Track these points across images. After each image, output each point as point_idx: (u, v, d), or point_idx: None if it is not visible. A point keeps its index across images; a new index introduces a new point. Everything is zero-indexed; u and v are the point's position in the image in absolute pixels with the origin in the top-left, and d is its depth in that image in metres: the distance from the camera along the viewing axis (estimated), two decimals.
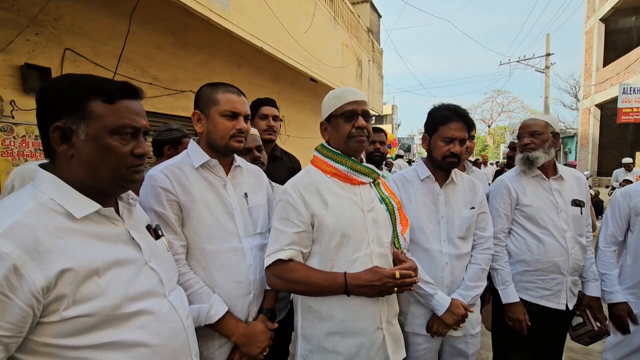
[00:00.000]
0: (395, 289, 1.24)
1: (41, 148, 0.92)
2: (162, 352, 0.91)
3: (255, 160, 1.81)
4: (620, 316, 1.92)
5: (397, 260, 1.34)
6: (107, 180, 0.90)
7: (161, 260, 1.02)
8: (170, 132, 2.33)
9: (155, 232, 1.08)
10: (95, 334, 0.81)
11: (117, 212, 0.96)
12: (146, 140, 0.97)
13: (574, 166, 10.40)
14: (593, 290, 1.96)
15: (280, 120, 2.44)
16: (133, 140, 0.92)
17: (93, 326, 0.81)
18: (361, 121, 1.35)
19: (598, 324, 1.95)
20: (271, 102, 2.32)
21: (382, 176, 1.54)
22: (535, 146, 1.91)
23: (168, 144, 2.29)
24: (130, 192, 1.03)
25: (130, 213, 1.01)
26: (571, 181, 1.99)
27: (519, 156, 1.98)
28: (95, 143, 0.86)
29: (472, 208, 1.71)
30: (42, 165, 0.90)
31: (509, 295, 1.87)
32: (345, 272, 1.27)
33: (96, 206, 0.88)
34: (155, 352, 0.89)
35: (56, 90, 0.87)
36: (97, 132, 0.86)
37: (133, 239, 0.95)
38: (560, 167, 1.99)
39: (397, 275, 1.24)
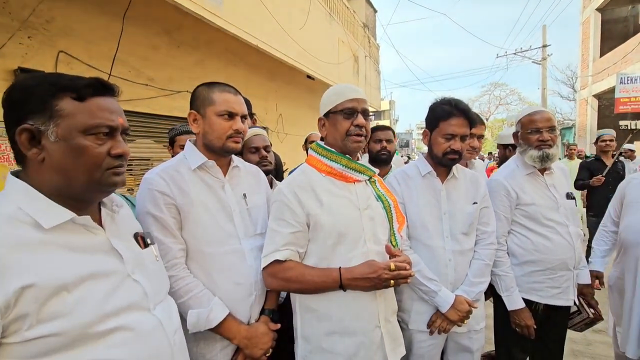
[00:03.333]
0: (392, 281, 1.22)
1: None
2: None
3: (263, 159, 1.82)
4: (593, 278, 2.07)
5: (390, 255, 1.32)
6: (82, 184, 0.82)
7: (147, 271, 0.95)
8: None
9: (143, 241, 1.01)
10: (65, 354, 0.74)
11: (100, 219, 0.90)
12: (126, 141, 0.90)
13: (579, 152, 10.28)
14: (584, 278, 1.96)
15: (254, 114, 2.39)
16: (110, 140, 0.85)
17: (62, 346, 0.73)
18: (360, 119, 1.33)
19: (592, 311, 1.97)
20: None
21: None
22: (552, 143, 1.82)
23: None
24: (114, 198, 0.97)
25: (113, 220, 0.94)
26: (559, 174, 1.96)
27: (535, 152, 1.82)
28: (67, 144, 0.79)
29: (475, 203, 1.70)
30: (14, 173, 0.84)
31: (515, 301, 1.81)
32: (340, 267, 1.26)
33: (69, 214, 0.80)
34: None
35: (21, 90, 0.80)
36: (68, 132, 0.79)
37: (115, 248, 0.88)
38: None
39: (392, 267, 1.22)
